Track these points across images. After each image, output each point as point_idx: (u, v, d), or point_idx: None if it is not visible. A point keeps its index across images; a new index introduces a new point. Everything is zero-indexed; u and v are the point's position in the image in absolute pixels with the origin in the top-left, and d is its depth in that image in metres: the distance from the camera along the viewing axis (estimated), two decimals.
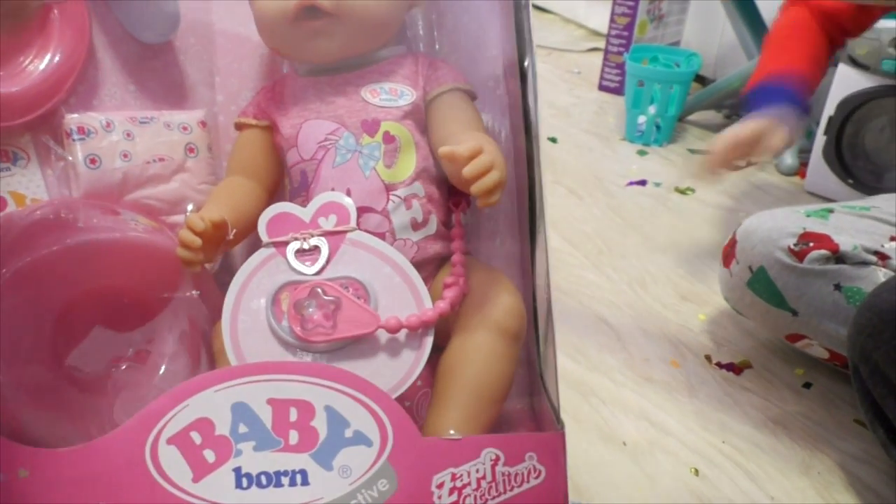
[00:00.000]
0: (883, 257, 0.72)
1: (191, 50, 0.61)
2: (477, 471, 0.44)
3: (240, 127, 0.58)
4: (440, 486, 0.44)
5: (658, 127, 1.45)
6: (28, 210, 0.53)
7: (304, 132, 0.54)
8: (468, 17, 0.61)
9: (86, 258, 0.50)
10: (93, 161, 0.55)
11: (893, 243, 0.74)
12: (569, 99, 1.72)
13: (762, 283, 0.74)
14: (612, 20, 1.74)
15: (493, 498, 0.44)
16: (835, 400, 0.76)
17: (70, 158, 0.54)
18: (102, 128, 0.56)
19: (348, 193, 0.51)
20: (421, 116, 0.55)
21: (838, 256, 0.72)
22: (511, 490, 0.45)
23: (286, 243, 0.49)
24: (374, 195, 0.52)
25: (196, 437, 0.43)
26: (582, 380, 0.77)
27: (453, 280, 0.51)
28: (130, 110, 0.58)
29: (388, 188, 0.52)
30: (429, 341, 0.48)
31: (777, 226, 0.74)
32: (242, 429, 0.43)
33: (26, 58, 0.54)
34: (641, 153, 1.42)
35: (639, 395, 0.75)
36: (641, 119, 1.45)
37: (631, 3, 1.70)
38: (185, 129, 0.59)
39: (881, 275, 0.70)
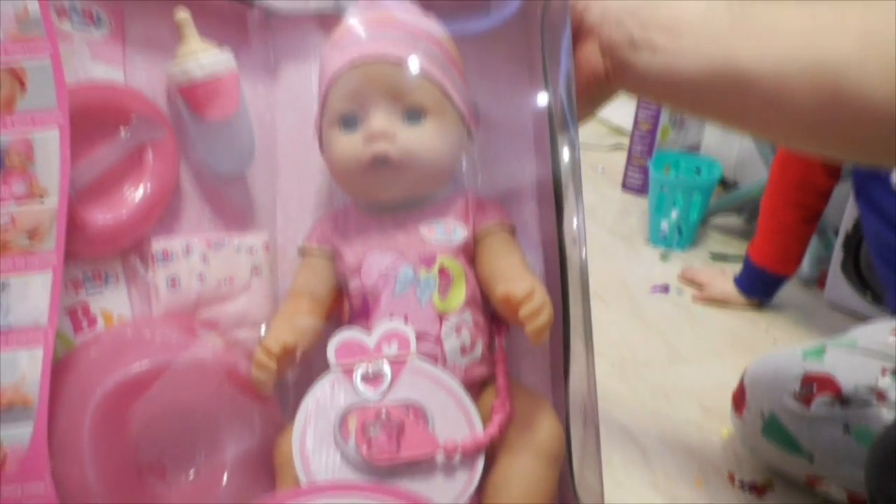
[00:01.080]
0: (881, 396, 0.76)
1: (257, 176, 0.67)
2: None
3: (303, 252, 0.62)
4: None
5: (680, 231, 1.50)
6: (117, 330, 0.58)
7: (367, 262, 0.58)
8: (506, 151, 0.66)
9: (171, 377, 0.55)
10: (173, 283, 0.60)
11: (886, 377, 0.78)
12: (593, 197, 1.79)
13: (775, 430, 0.77)
14: (635, 125, 1.82)
15: None
16: None
17: (153, 281, 0.60)
18: (183, 252, 0.60)
19: (406, 320, 0.55)
20: (470, 252, 0.59)
21: (843, 399, 0.75)
22: None
23: (353, 368, 0.53)
24: (429, 323, 0.55)
25: None
26: (609, 494, 0.80)
27: (500, 404, 0.54)
28: (205, 232, 0.63)
29: (441, 316, 0.56)
30: (481, 463, 0.51)
31: (780, 372, 0.79)
32: None
33: (122, 190, 0.59)
34: (664, 257, 1.47)
35: None
36: (664, 224, 1.50)
37: (654, 110, 1.78)
38: (251, 251, 0.64)
39: (884, 412, 0.74)
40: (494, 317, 0.59)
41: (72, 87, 0.53)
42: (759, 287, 1.25)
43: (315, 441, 0.52)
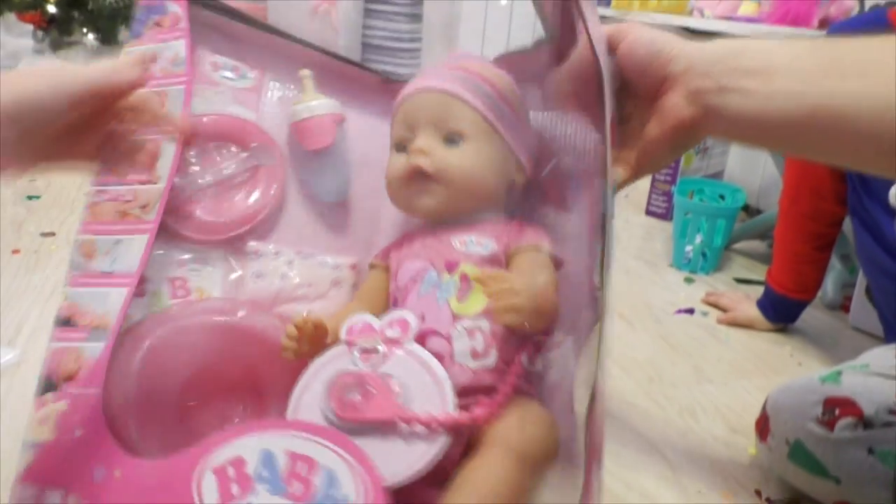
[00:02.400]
0: None
1: (357, 205, 0.78)
2: None
3: (371, 266, 0.71)
4: None
5: (705, 256, 1.53)
6: (201, 300, 0.69)
7: (402, 267, 0.66)
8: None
9: (217, 337, 0.65)
10: (259, 276, 0.71)
11: None
12: (618, 222, 1.81)
13: (802, 456, 0.79)
14: None
15: None
16: None
17: (241, 272, 0.71)
18: (272, 254, 0.72)
19: (423, 318, 0.60)
20: (500, 265, 0.63)
21: (865, 421, 0.77)
22: None
23: (355, 343, 0.59)
24: (443, 322, 0.60)
25: (230, 471, 0.51)
26: None
27: (488, 402, 0.56)
28: (297, 247, 0.74)
29: (456, 318, 0.60)
30: (441, 441, 0.53)
31: (801, 398, 0.81)
32: (263, 472, 0.51)
33: (231, 198, 0.72)
34: (688, 281, 1.49)
35: None
36: (689, 248, 1.53)
37: None
38: (336, 268, 0.75)
39: None
40: (525, 337, 0.62)
41: (214, 115, 0.72)
42: (781, 312, 1.27)
43: (309, 399, 0.58)
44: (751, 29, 2.06)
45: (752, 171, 1.87)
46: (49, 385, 0.57)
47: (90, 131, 0.60)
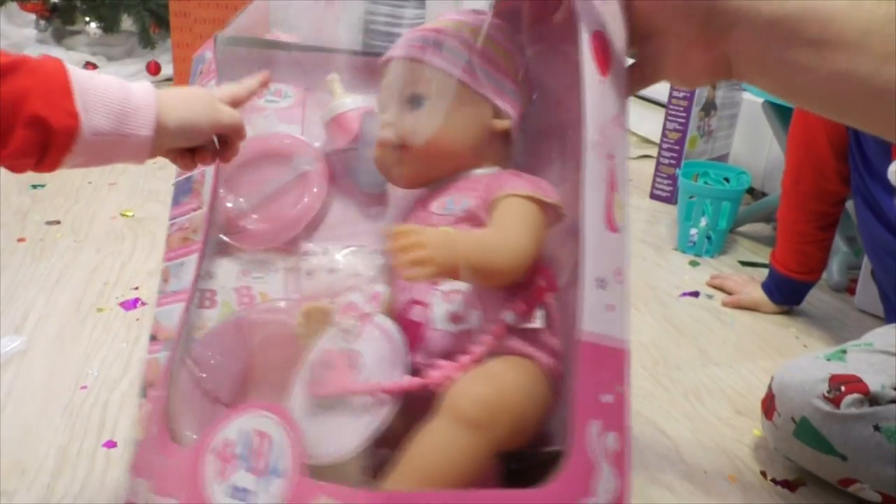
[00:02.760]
0: None
1: (397, 194, 0.78)
2: None
3: None
4: None
5: (709, 239, 1.52)
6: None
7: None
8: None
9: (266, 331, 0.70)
10: (310, 274, 0.75)
11: None
12: None
13: (808, 433, 0.79)
14: (664, 135, 1.84)
15: None
16: None
17: (300, 272, 0.76)
18: (321, 252, 0.76)
19: (409, 289, 0.60)
20: (479, 222, 0.61)
21: (871, 398, 0.77)
22: None
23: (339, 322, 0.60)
24: (423, 290, 0.60)
25: (227, 451, 0.52)
26: (643, 490, 0.82)
27: (446, 365, 0.55)
28: (344, 241, 0.76)
29: (433, 284, 0.59)
30: (385, 410, 0.53)
31: (807, 376, 0.81)
32: (241, 450, 0.52)
33: (282, 205, 0.77)
34: (693, 264, 1.49)
35: None
36: (693, 231, 1.52)
37: (682, 120, 1.80)
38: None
39: None
40: (512, 294, 0.59)
41: (261, 136, 0.78)
42: (786, 294, 1.27)
43: (300, 378, 0.59)
44: None
45: (758, 153, 1.86)
46: (142, 391, 0.65)
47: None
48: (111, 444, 0.82)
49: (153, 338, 0.68)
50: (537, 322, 0.60)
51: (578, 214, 0.53)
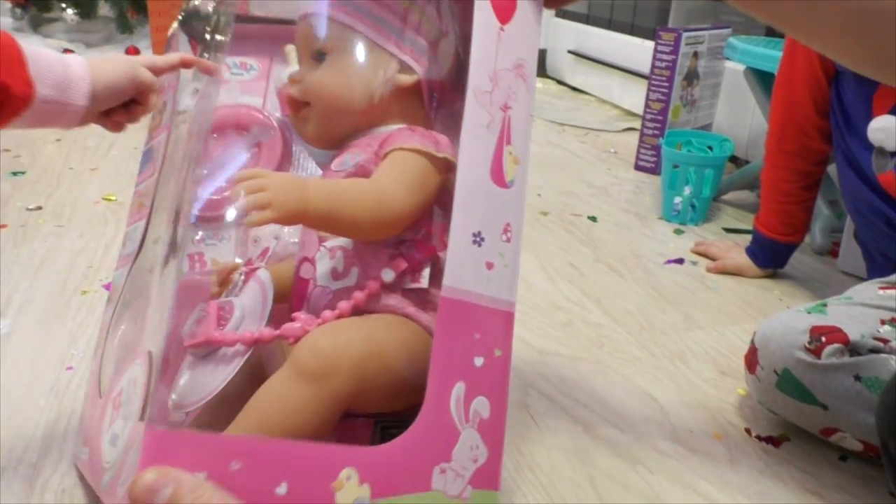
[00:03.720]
0: (884, 342, 0.79)
1: None
2: None
3: None
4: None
5: (693, 207, 1.53)
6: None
7: None
8: None
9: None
10: (256, 241, 0.78)
11: (885, 326, 0.81)
12: (607, 178, 1.81)
13: (790, 384, 0.80)
14: (647, 105, 1.84)
15: None
16: (870, 472, 0.81)
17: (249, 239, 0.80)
18: None
19: (303, 245, 0.62)
20: (368, 176, 0.59)
21: (851, 348, 0.78)
22: None
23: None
24: (310, 246, 0.61)
25: (116, 400, 0.55)
26: (629, 450, 0.83)
27: (304, 318, 0.55)
28: None
29: (321, 240, 0.60)
30: (237, 362, 0.54)
31: (788, 328, 0.82)
32: (124, 398, 0.53)
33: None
34: (678, 232, 1.50)
35: (683, 466, 0.81)
36: (677, 200, 1.53)
37: (665, 90, 1.80)
38: None
39: (893, 362, 0.76)
40: (396, 250, 0.59)
41: (220, 107, 0.79)
42: (770, 257, 1.28)
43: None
44: None
45: (741, 122, 1.87)
46: (94, 351, 0.71)
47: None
48: None
49: (109, 300, 0.73)
50: (423, 281, 0.59)
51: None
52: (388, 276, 0.58)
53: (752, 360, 0.85)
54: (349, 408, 0.55)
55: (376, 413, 0.58)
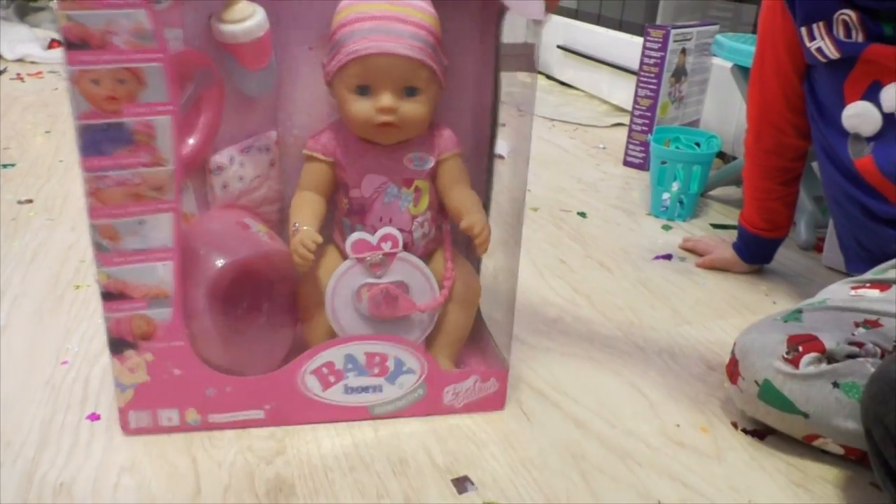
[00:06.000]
0: (860, 345, 0.80)
1: (273, 94, 0.85)
2: (466, 386, 0.86)
3: (309, 158, 0.85)
4: (447, 392, 0.86)
5: (681, 203, 1.55)
6: (203, 225, 0.83)
7: (366, 180, 0.83)
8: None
9: (259, 260, 0.83)
10: (224, 187, 0.84)
11: (859, 329, 0.83)
12: (596, 174, 1.83)
13: (771, 394, 0.81)
14: (635, 102, 1.86)
15: (471, 397, 0.87)
16: (853, 464, 0.83)
17: (211, 187, 0.84)
18: (228, 163, 0.83)
19: (390, 221, 0.83)
20: (434, 172, 0.86)
21: (828, 355, 0.80)
22: (481, 393, 0.88)
23: (363, 259, 0.83)
24: (405, 222, 0.84)
25: (325, 371, 0.82)
26: (619, 443, 0.85)
27: (448, 275, 0.87)
28: (237, 142, 0.84)
29: (413, 217, 0.85)
30: (437, 314, 0.88)
31: (766, 339, 0.83)
32: (349, 366, 0.82)
33: (194, 125, 0.80)
34: (666, 228, 1.52)
35: (672, 459, 0.83)
36: (666, 196, 1.55)
37: (653, 87, 1.82)
38: (267, 150, 0.85)
39: (869, 365, 0.78)
40: (441, 208, 0.88)
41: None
42: (756, 252, 1.30)
43: (339, 304, 0.84)
44: None
45: (728, 118, 1.88)
46: (125, 344, 0.76)
47: None
48: (95, 417, 0.83)
49: (120, 296, 0.74)
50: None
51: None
52: (448, 225, 0.91)
53: (733, 370, 0.87)
54: None
55: None
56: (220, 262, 0.78)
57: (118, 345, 0.76)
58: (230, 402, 0.80)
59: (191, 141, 0.79)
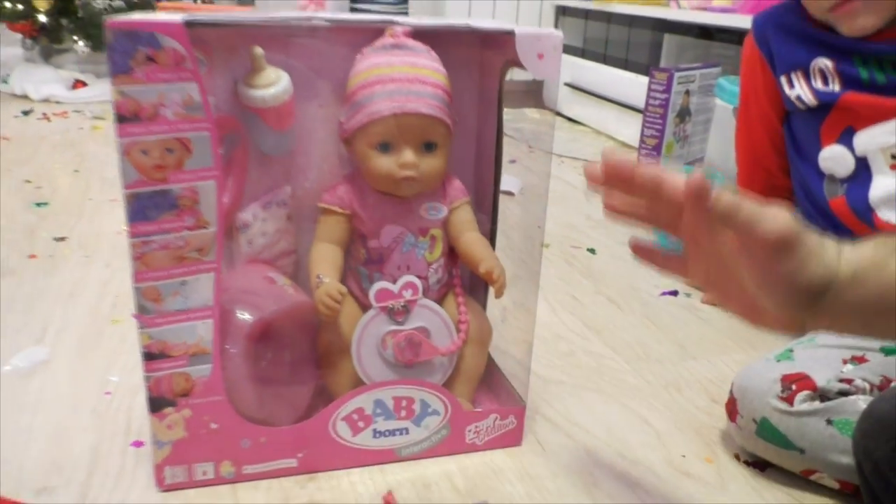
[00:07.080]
0: (849, 382, 0.86)
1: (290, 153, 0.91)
2: (486, 424, 0.91)
3: (325, 211, 0.89)
4: (469, 431, 0.91)
5: None
6: (236, 285, 0.86)
7: (385, 230, 0.87)
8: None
9: (288, 314, 0.88)
10: (249, 243, 0.88)
11: (848, 366, 0.88)
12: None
13: (769, 431, 0.87)
14: (641, 141, 1.93)
15: (492, 434, 0.92)
16: (847, 497, 0.88)
17: (238, 243, 0.89)
18: (252, 219, 0.87)
19: (408, 269, 0.88)
20: (447, 220, 0.91)
21: (820, 393, 0.85)
22: (500, 430, 0.92)
23: (386, 307, 0.87)
24: (422, 269, 0.89)
25: (355, 416, 0.86)
26: (628, 472, 0.90)
27: (463, 318, 0.91)
28: (256, 198, 0.88)
29: (429, 265, 0.89)
30: (456, 356, 0.92)
31: (762, 379, 0.88)
32: (378, 411, 0.86)
33: (224, 194, 0.82)
34: None
35: (677, 488, 0.88)
36: None
37: (659, 127, 1.89)
38: (284, 204, 0.90)
39: (861, 402, 0.83)
40: (451, 254, 0.93)
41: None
42: None
43: (365, 352, 0.88)
44: (726, 18, 2.14)
45: (731, 156, 1.95)
46: (165, 402, 0.78)
47: None
48: (139, 444, 0.89)
49: (160, 355, 0.75)
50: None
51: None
52: (458, 271, 0.96)
53: (732, 409, 0.92)
54: None
55: None
56: (254, 318, 0.81)
57: (158, 403, 0.77)
58: (264, 452, 0.82)
59: (224, 200, 0.81)
